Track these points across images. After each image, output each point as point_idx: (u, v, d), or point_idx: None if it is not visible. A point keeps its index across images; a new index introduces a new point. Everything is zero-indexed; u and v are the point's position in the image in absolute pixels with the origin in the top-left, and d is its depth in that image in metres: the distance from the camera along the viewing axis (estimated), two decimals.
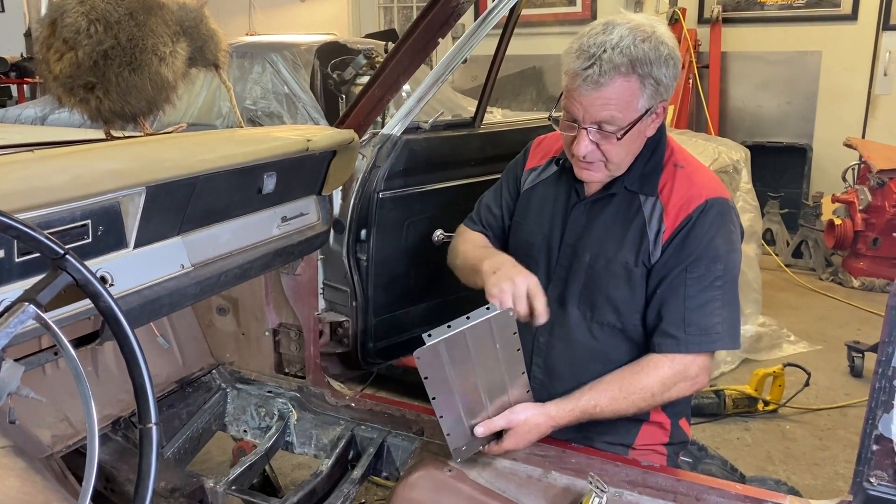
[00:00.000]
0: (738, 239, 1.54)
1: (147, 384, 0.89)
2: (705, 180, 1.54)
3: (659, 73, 1.43)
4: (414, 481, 1.78)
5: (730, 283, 1.48)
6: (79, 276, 0.84)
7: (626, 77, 1.42)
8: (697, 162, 1.62)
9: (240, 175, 1.54)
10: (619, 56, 1.41)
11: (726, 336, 1.49)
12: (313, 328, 2.09)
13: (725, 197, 1.53)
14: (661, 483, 1.71)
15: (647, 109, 1.46)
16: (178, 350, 2.15)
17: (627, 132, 1.46)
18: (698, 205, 1.49)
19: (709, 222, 1.48)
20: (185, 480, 1.81)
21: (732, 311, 1.49)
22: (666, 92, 1.48)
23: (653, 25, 1.47)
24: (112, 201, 1.29)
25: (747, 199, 4.06)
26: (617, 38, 1.42)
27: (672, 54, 1.46)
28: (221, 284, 1.56)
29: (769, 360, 3.79)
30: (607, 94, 1.43)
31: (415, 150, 2.10)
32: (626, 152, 1.51)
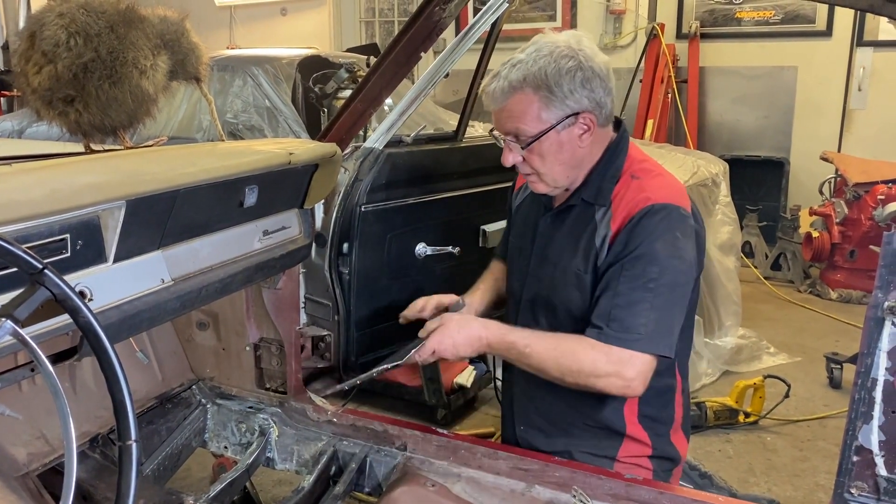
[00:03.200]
0: (688, 248, 1.52)
1: (127, 400, 0.87)
2: (657, 187, 1.56)
3: (556, 86, 1.51)
4: (397, 497, 1.76)
5: (664, 287, 1.48)
6: (57, 291, 0.83)
7: (521, 90, 1.52)
8: (660, 173, 1.63)
9: (221, 188, 1.52)
10: (515, 72, 1.52)
11: (648, 339, 1.48)
12: (295, 343, 2.07)
13: (679, 205, 1.54)
14: (643, 496, 1.71)
15: (560, 121, 1.53)
16: (157, 365, 2.12)
17: (533, 143, 1.55)
18: (643, 207, 1.52)
19: (652, 225, 1.50)
20: (164, 498, 1.79)
21: (663, 315, 1.49)
22: (577, 104, 1.53)
23: (570, 43, 1.54)
24: (91, 215, 1.27)
25: (726, 213, 4.10)
26: (520, 56, 1.54)
27: (581, 66, 1.52)
28: (202, 299, 1.55)
29: (749, 371, 3.82)
30: (508, 108, 1.55)
31: (397, 164, 2.10)
32: (554, 163, 1.59)
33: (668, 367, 1.70)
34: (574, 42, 1.55)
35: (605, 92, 1.56)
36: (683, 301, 1.54)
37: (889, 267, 1.32)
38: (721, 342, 3.81)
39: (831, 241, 5.11)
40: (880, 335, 1.36)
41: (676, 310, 1.52)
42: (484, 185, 2.36)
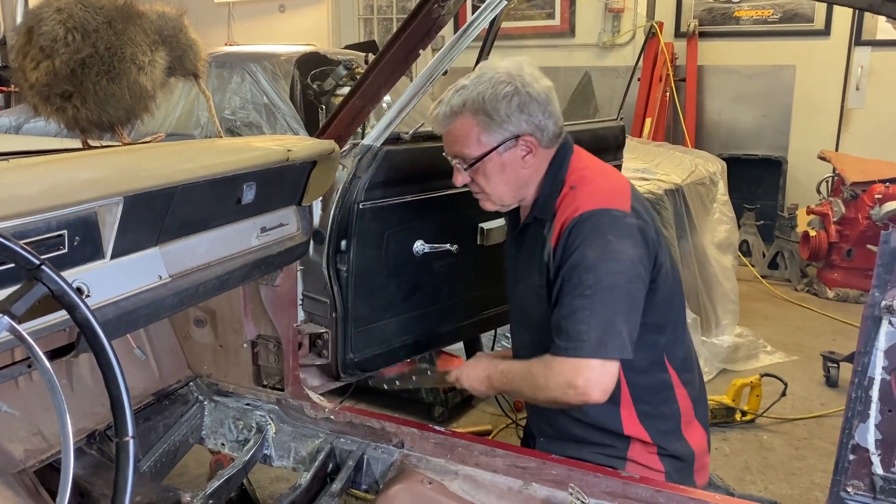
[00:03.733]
0: (625, 247, 1.52)
1: (124, 397, 0.87)
2: (590, 194, 1.61)
3: (493, 111, 1.60)
4: (394, 494, 1.77)
5: (602, 292, 1.51)
6: (55, 287, 0.83)
7: (462, 115, 1.63)
8: (596, 178, 1.68)
9: (219, 185, 1.52)
10: (456, 97, 1.64)
11: (593, 345, 1.50)
12: (292, 340, 2.07)
13: (611, 207, 1.57)
14: (641, 494, 1.72)
15: (500, 143, 1.63)
16: (154, 362, 2.12)
17: (476, 164, 1.65)
18: (572, 218, 1.58)
19: (581, 234, 1.55)
20: (161, 495, 1.79)
21: (603, 319, 1.50)
22: (516, 127, 1.62)
23: (510, 70, 1.63)
24: (89, 211, 1.27)
25: (724, 211, 4.11)
26: (463, 82, 1.65)
27: (518, 92, 1.60)
28: (200, 295, 1.55)
29: (746, 370, 3.82)
30: (451, 132, 1.67)
31: (395, 161, 2.09)
32: (498, 183, 1.68)
33: (655, 363, 1.71)
34: (514, 69, 1.64)
35: (544, 115, 1.63)
36: (631, 299, 1.54)
37: (886, 266, 1.32)
38: (718, 340, 3.82)
39: (828, 240, 5.12)
40: (877, 334, 1.36)
41: (622, 311, 1.52)
42: None
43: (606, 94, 6.46)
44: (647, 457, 1.76)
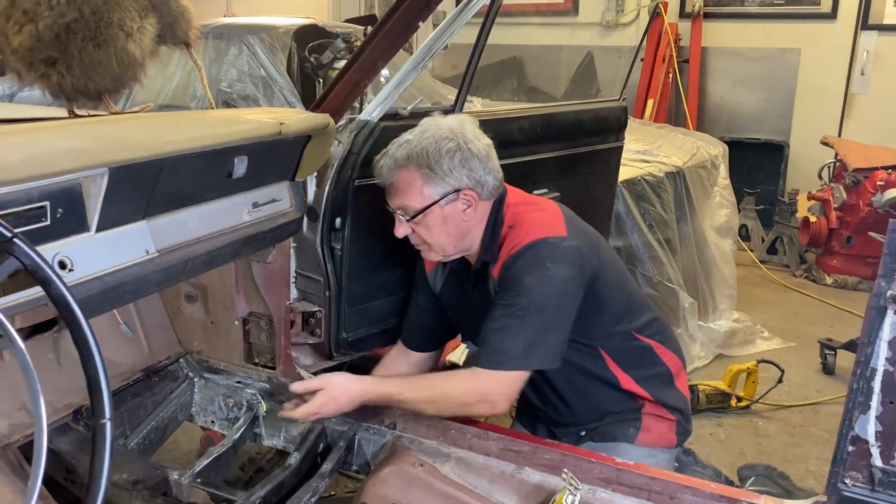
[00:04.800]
0: (561, 270, 1.66)
1: (101, 377, 0.84)
2: (528, 228, 1.72)
3: (436, 165, 1.67)
4: (385, 476, 1.74)
5: (533, 316, 1.64)
6: (28, 262, 0.79)
7: (405, 168, 1.69)
8: (532, 213, 1.77)
9: (209, 158, 1.48)
10: (401, 150, 1.70)
11: (517, 359, 1.65)
12: (284, 318, 2.03)
13: (548, 235, 1.69)
14: (635, 481, 1.69)
15: (442, 197, 1.69)
16: (144, 337, 2.08)
17: (417, 217, 1.72)
18: (515, 252, 1.70)
19: (521, 264, 1.67)
20: (148, 472, 1.76)
21: (531, 339, 1.65)
22: (458, 181, 1.69)
23: (452, 126, 1.71)
24: (73, 182, 1.23)
25: (724, 195, 4.07)
26: (408, 136, 1.72)
27: (460, 147, 1.68)
28: (188, 272, 1.51)
29: (742, 355, 3.81)
30: (395, 184, 1.73)
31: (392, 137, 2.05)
32: (441, 235, 1.75)
33: (629, 339, 1.85)
34: (456, 126, 1.72)
35: (484, 171, 1.71)
36: (558, 315, 1.68)
37: (893, 255, 1.28)
38: (715, 325, 3.79)
39: (829, 226, 5.08)
40: (882, 324, 1.33)
41: (548, 327, 1.67)
42: None
43: (609, 74, 6.39)
44: (657, 409, 1.88)
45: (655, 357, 1.88)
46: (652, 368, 1.88)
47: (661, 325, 1.94)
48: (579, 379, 1.85)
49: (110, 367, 1.99)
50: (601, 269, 1.76)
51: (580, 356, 1.81)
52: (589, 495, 1.66)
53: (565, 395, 1.88)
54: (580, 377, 1.84)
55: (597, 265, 1.75)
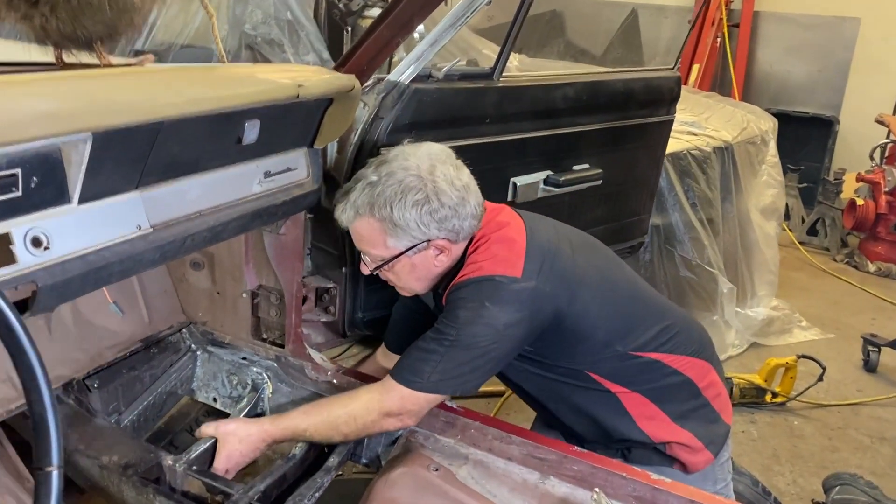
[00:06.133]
0: (500, 313, 1.52)
1: (49, 415, 0.66)
2: (481, 262, 1.58)
3: (401, 219, 1.51)
4: (395, 479, 1.59)
5: (458, 349, 1.52)
6: None
7: (367, 218, 1.54)
8: (491, 247, 1.60)
9: (215, 122, 1.29)
10: (363, 196, 1.53)
11: (430, 383, 1.54)
12: (296, 293, 1.87)
13: (495, 274, 1.54)
14: (672, 503, 1.53)
15: (409, 248, 1.56)
16: (144, 305, 1.93)
17: (383, 266, 1.60)
18: (460, 281, 1.57)
19: (462, 296, 1.55)
20: (141, 455, 1.61)
21: (449, 370, 1.53)
22: (425, 234, 1.54)
23: (421, 171, 1.52)
24: (51, 148, 1.05)
25: (772, 174, 3.82)
26: (372, 178, 1.53)
27: (428, 199, 1.51)
28: (187, 248, 1.33)
29: (778, 345, 3.62)
30: (356, 230, 1.58)
31: (424, 102, 1.86)
32: (410, 280, 1.64)
33: (621, 355, 1.68)
34: (427, 169, 1.53)
35: (459, 219, 1.56)
36: (486, 357, 1.55)
37: None
38: (752, 312, 3.59)
39: (876, 210, 4.83)
40: None
41: (472, 364, 1.55)
42: (519, 133, 2.11)
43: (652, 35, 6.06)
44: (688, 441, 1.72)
45: (666, 368, 1.71)
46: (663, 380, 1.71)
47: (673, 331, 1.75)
48: (576, 403, 1.74)
49: (106, 337, 1.87)
50: (572, 304, 1.60)
51: (569, 380, 1.71)
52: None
53: (568, 422, 1.78)
54: (576, 401, 1.73)
55: (564, 303, 1.58)
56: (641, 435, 1.71)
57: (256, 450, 1.61)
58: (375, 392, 1.57)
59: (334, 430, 1.59)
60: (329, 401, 1.64)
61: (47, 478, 0.66)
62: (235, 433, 1.60)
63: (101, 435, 1.66)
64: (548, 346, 1.65)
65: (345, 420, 1.58)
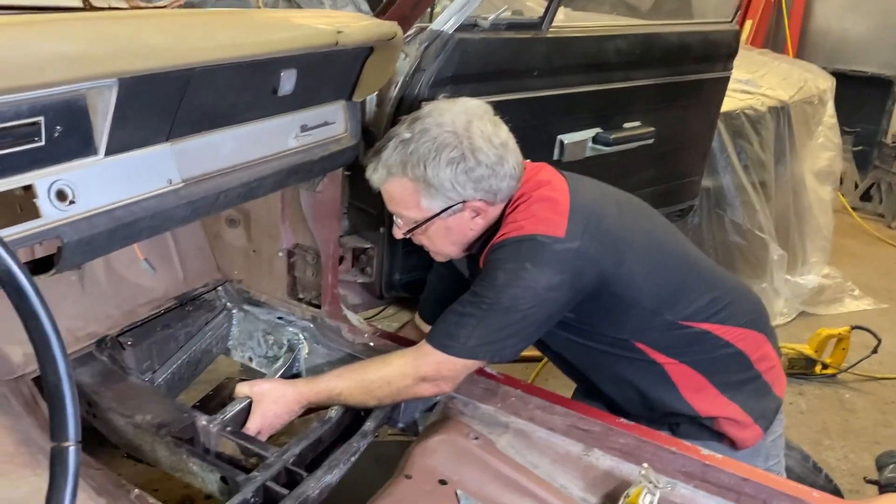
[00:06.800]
0: (540, 275, 1.45)
1: (65, 386, 0.60)
2: (521, 220, 1.51)
3: (435, 178, 1.44)
4: (433, 446, 1.54)
5: (497, 312, 1.46)
6: None
7: (399, 177, 1.46)
8: (532, 205, 1.52)
9: (250, 70, 1.22)
10: (395, 155, 1.45)
11: (467, 348, 1.48)
12: (333, 253, 1.81)
13: (536, 234, 1.47)
14: (723, 480, 1.47)
15: (443, 210, 1.49)
16: (178, 262, 1.89)
17: (415, 229, 1.53)
18: (499, 241, 1.50)
19: (499, 256, 1.48)
20: (175, 415, 1.58)
21: (487, 334, 1.47)
22: (461, 195, 1.47)
23: (456, 127, 1.44)
24: (75, 94, 0.98)
25: (829, 136, 3.66)
26: (405, 135, 1.45)
27: (464, 157, 1.43)
28: (220, 205, 1.28)
29: (828, 315, 3.49)
30: (388, 191, 1.51)
31: (468, 53, 1.77)
32: (445, 244, 1.58)
33: (670, 325, 1.60)
34: (462, 127, 1.45)
35: (497, 179, 1.48)
36: (526, 321, 1.49)
37: None
38: (803, 280, 3.46)
39: None
40: None
41: (511, 329, 1.49)
42: (567, 87, 2.00)
43: None
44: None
45: (718, 340, 1.62)
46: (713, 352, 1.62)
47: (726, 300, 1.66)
48: (620, 374, 1.66)
49: (140, 294, 1.83)
50: (619, 268, 1.52)
51: (613, 350, 1.63)
52: (667, 490, 1.42)
53: (611, 393, 1.71)
54: (620, 372, 1.66)
55: (609, 266, 1.50)
56: (687, 407, 1.63)
57: (291, 411, 1.57)
58: (410, 356, 1.52)
59: (369, 394, 1.55)
60: (364, 364, 1.59)
61: (63, 454, 0.60)
62: (270, 393, 1.56)
63: (135, 393, 1.63)
64: (592, 313, 1.57)
65: (379, 384, 1.53)
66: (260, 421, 1.55)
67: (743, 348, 1.63)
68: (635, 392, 1.66)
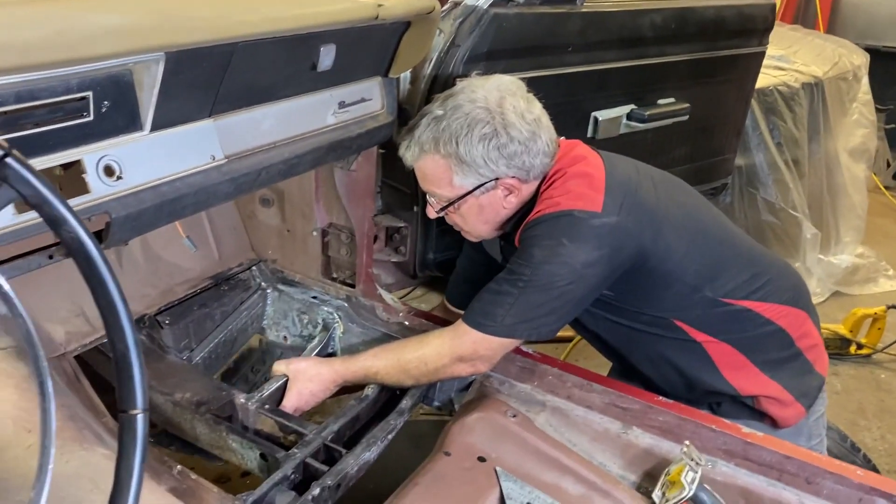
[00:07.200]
0: (578, 251, 1.43)
1: (133, 354, 0.60)
2: (557, 196, 1.49)
3: (467, 154, 1.43)
4: (472, 424, 1.54)
5: (534, 289, 1.44)
6: (27, 191, 0.55)
7: (431, 155, 1.46)
8: (568, 181, 1.50)
9: (291, 45, 1.21)
10: (427, 132, 1.45)
11: (504, 327, 1.47)
12: (367, 232, 1.81)
13: (573, 209, 1.45)
14: (764, 457, 1.45)
15: (476, 187, 1.48)
16: (213, 242, 1.89)
17: (448, 207, 1.53)
18: (535, 217, 1.49)
19: (535, 233, 1.47)
20: (213, 392, 1.60)
21: (524, 312, 1.46)
22: (494, 172, 1.46)
23: (489, 103, 1.44)
24: (122, 69, 0.98)
25: (864, 113, 3.59)
26: (437, 112, 1.45)
27: (497, 133, 1.43)
28: (261, 182, 1.27)
29: (862, 295, 3.44)
30: (420, 168, 1.51)
31: (503, 28, 1.75)
32: (477, 223, 1.57)
33: (711, 301, 1.58)
34: (494, 103, 1.44)
35: (529, 156, 1.47)
36: (563, 298, 1.47)
37: None
38: (836, 260, 3.41)
39: None
40: None
41: (549, 306, 1.47)
42: (602, 63, 1.97)
43: None
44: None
45: (759, 318, 1.60)
46: (754, 330, 1.60)
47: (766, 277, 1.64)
48: (659, 354, 1.64)
49: (176, 273, 1.83)
50: (657, 243, 1.50)
51: (652, 329, 1.61)
52: (707, 468, 1.41)
53: (649, 373, 1.69)
54: (659, 351, 1.64)
55: (648, 241, 1.49)
56: (727, 386, 1.61)
57: (326, 389, 1.58)
58: (447, 336, 1.51)
59: (405, 373, 1.55)
60: (400, 344, 1.59)
61: (132, 421, 0.61)
62: (306, 371, 1.57)
63: (174, 371, 1.65)
64: (631, 290, 1.55)
65: (416, 364, 1.53)
66: (296, 399, 1.56)
67: (784, 326, 1.61)
68: (675, 372, 1.64)
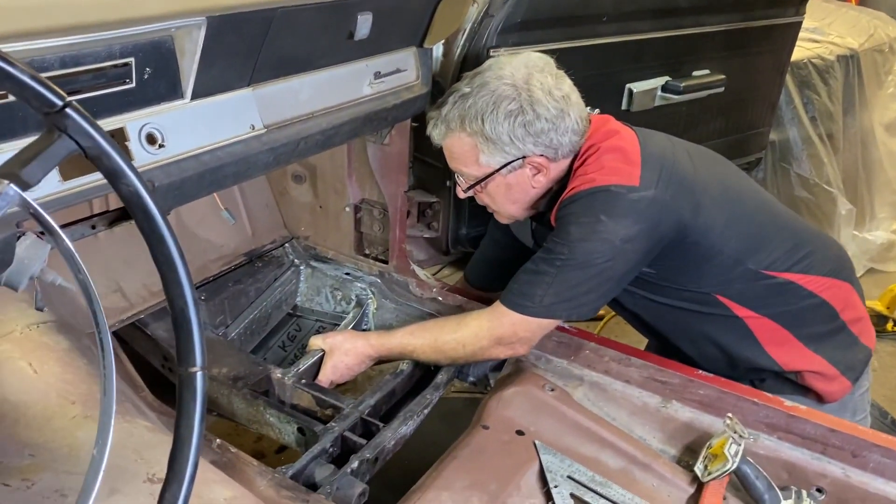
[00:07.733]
0: (616, 226, 1.41)
1: (191, 312, 0.60)
2: (592, 172, 1.47)
3: (492, 132, 1.42)
4: (509, 398, 1.53)
5: (572, 268, 1.43)
6: (87, 143, 0.54)
7: (458, 133, 1.46)
8: (602, 156, 1.48)
9: (329, 13, 1.20)
10: (454, 110, 1.44)
11: (542, 307, 1.45)
12: (401, 207, 1.80)
13: (610, 184, 1.42)
14: (808, 431, 1.43)
15: (503, 166, 1.46)
16: (247, 219, 1.89)
17: (476, 185, 1.51)
18: (571, 194, 1.47)
19: (571, 211, 1.45)
20: (249, 368, 1.60)
21: (563, 291, 1.44)
22: (520, 150, 1.44)
23: (516, 80, 1.42)
24: (163, 35, 0.98)
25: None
26: (465, 89, 1.44)
27: (523, 110, 1.40)
28: (300, 153, 1.26)
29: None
30: (448, 147, 1.51)
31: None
32: (505, 203, 1.55)
33: (753, 274, 1.55)
34: (521, 80, 1.42)
35: (557, 133, 1.44)
36: (603, 275, 1.45)
37: None
38: (871, 236, 3.34)
39: None
40: None
41: (588, 284, 1.45)
42: (636, 33, 1.94)
43: None
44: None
45: (802, 290, 1.57)
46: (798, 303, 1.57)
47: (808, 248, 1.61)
48: (700, 331, 1.61)
49: (210, 250, 1.83)
50: (696, 216, 1.47)
51: (693, 307, 1.58)
52: (749, 441, 1.39)
53: (689, 351, 1.66)
54: (700, 329, 1.61)
55: (687, 214, 1.46)
56: (770, 362, 1.59)
57: (362, 363, 1.58)
58: (485, 318, 1.49)
59: (441, 354, 1.54)
60: (437, 324, 1.58)
61: (192, 379, 0.60)
62: (342, 345, 1.57)
63: (211, 347, 1.65)
64: (671, 266, 1.52)
65: (453, 346, 1.52)
66: (332, 372, 1.56)
67: (828, 298, 1.58)
68: (716, 349, 1.62)
